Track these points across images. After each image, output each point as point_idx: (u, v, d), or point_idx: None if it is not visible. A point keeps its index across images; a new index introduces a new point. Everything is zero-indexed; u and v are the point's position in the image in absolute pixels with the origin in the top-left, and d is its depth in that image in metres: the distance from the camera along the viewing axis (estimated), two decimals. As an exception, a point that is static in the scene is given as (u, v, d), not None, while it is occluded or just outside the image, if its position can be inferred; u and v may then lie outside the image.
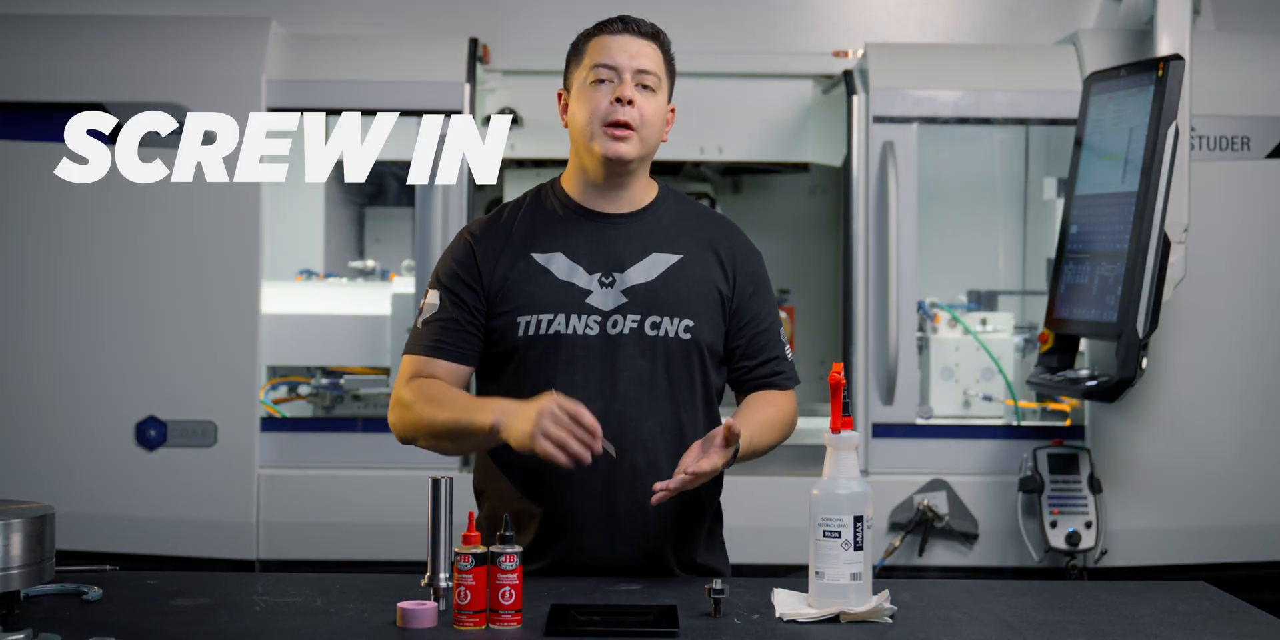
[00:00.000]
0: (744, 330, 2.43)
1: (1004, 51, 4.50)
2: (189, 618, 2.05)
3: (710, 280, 2.41)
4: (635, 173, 2.42)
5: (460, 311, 2.38)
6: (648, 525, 2.36)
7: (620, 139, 2.34)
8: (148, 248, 3.97)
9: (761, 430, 2.36)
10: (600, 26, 2.41)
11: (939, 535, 3.99)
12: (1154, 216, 3.54)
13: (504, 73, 4.39)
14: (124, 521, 3.93)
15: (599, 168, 2.39)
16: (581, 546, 2.36)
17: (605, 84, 2.35)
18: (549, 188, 2.48)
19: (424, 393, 2.33)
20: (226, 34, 4.08)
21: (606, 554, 2.35)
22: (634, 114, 2.34)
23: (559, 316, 2.35)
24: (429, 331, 2.39)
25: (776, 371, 2.46)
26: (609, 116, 2.34)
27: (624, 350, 2.35)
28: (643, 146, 2.37)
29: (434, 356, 2.38)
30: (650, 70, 2.37)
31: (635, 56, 2.36)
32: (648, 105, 2.36)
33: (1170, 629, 2.03)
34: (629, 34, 2.38)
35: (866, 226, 4.07)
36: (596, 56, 2.37)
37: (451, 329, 2.38)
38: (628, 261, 2.38)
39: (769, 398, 2.45)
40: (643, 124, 2.35)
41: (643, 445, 2.35)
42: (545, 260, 2.38)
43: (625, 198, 2.43)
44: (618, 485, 2.34)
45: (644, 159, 2.41)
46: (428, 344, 2.38)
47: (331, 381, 4.14)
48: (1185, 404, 4.01)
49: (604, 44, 2.38)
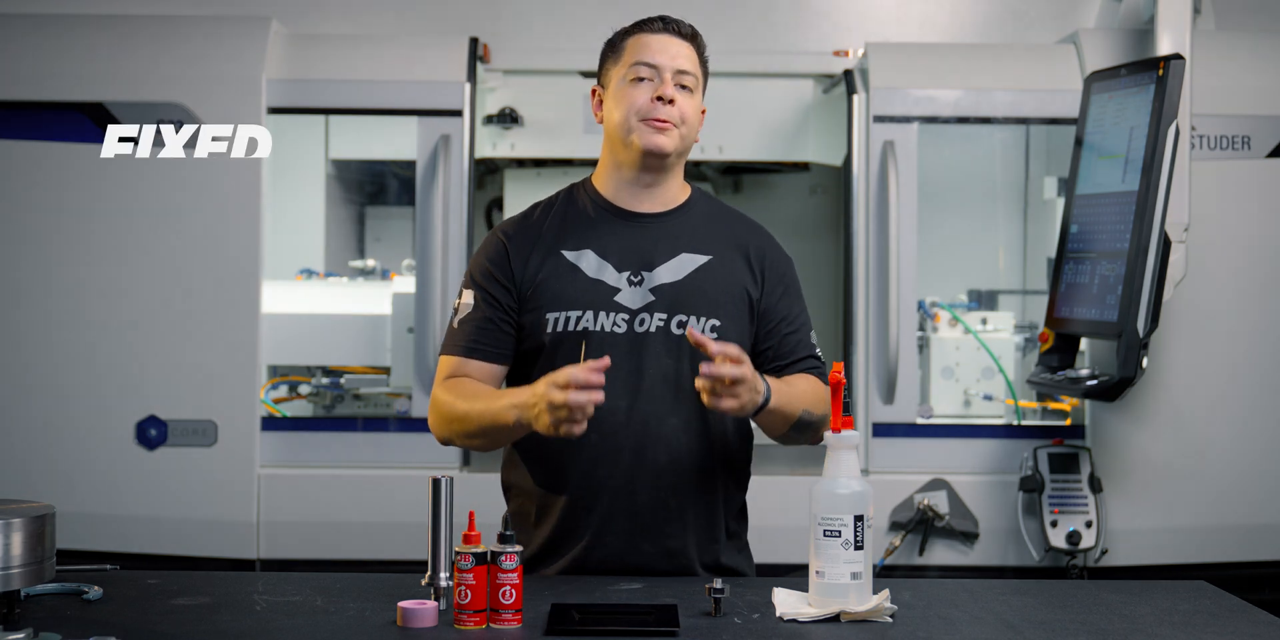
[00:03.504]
0: (774, 332, 2.43)
1: (1004, 51, 4.50)
2: (189, 617, 2.04)
3: (739, 282, 2.41)
4: (670, 169, 2.43)
5: (494, 310, 2.39)
6: (670, 523, 2.36)
7: (660, 130, 2.36)
8: (148, 247, 3.97)
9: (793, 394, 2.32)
10: (640, 25, 2.43)
11: (939, 534, 3.99)
12: (1154, 216, 3.54)
13: (504, 72, 4.40)
14: (124, 521, 3.93)
15: (636, 162, 2.39)
16: (603, 543, 2.36)
17: (646, 82, 2.37)
18: (581, 187, 2.48)
19: (454, 393, 2.34)
20: (227, 33, 4.08)
21: (628, 550, 2.35)
22: (674, 113, 2.36)
23: (587, 313, 2.36)
24: (464, 332, 2.40)
25: (811, 367, 2.45)
26: (650, 113, 2.36)
27: (650, 348, 2.35)
28: (681, 142, 2.39)
29: (469, 357, 2.39)
30: (689, 71, 2.39)
31: (675, 57, 2.38)
32: (687, 105, 2.38)
33: (1170, 628, 2.03)
34: (669, 34, 2.41)
35: (867, 226, 4.07)
36: (638, 54, 2.39)
37: (486, 328, 2.39)
38: (656, 260, 2.39)
39: (808, 377, 2.43)
40: (683, 122, 2.38)
41: (666, 443, 2.35)
42: (575, 257, 2.39)
43: (658, 196, 2.43)
44: (640, 482, 2.34)
45: (680, 155, 2.42)
46: (463, 344, 2.39)
47: (332, 381, 4.14)
48: (1185, 404, 4.01)
49: (644, 43, 2.40)
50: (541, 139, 4.40)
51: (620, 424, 2.34)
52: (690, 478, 2.37)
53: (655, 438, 2.35)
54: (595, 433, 2.30)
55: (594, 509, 2.35)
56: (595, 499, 2.35)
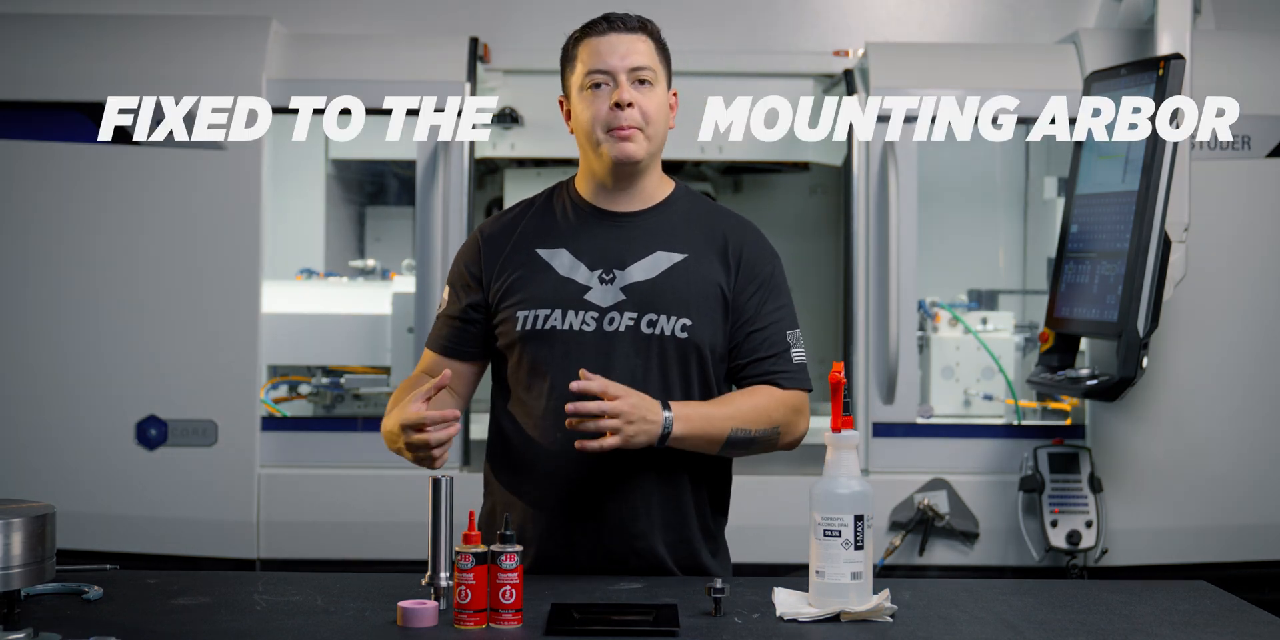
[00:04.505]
0: (740, 328, 2.41)
1: (1004, 51, 4.50)
2: (189, 617, 2.05)
3: (713, 279, 2.39)
4: (646, 170, 2.42)
5: (463, 310, 2.44)
6: (635, 522, 2.35)
7: (626, 138, 2.34)
8: (148, 247, 3.97)
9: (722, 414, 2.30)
10: (586, 29, 2.39)
11: (939, 534, 3.99)
12: (1154, 216, 3.54)
13: (504, 72, 4.39)
14: (124, 521, 3.93)
15: (609, 170, 2.39)
16: (569, 542, 2.36)
17: (603, 88, 2.35)
18: (564, 187, 2.48)
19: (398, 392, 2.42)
20: (227, 33, 4.07)
21: (594, 548, 2.35)
22: (635, 116, 2.34)
23: (555, 312, 2.36)
24: (438, 328, 2.48)
25: (770, 370, 2.39)
26: (612, 123, 2.33)
27: (619, 348, 2.35)
28: (650, 143, 2.37)
29: (443, 355, 2.47)
30: (644, 65, 2.35)
31: (626, 55, 2.34)
32: (648, 102, 2.35)
33: (1170, 628, 2.03)
34: (615, 32, 2.36)
35: (867, 226, 4.06)
36: (589, 62, 2.36)
37: (455, 328, 2.45)
38: (629, 259, 2.38)
39: (753, 389, 2.38)
40: (647, 122, 2.35)
41: None
42: (549, 256, 2.39)
43: (637, 195, 2.42)
44: (604, 481, 2.34)
45: (653, 154, 2.41)
46: (438, 342, 2.48)
47: (332, 381, 4.14)
48: (1185, 403, 4.01)
49: (593, 47, 2.36)
50: (541, 139, 4.40)
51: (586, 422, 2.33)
52: (656, 477, 2.35)
53: None
54: (561, 431, 2.30)
55: (559, 508, 2.35)
56: (558, 498, 2.35)
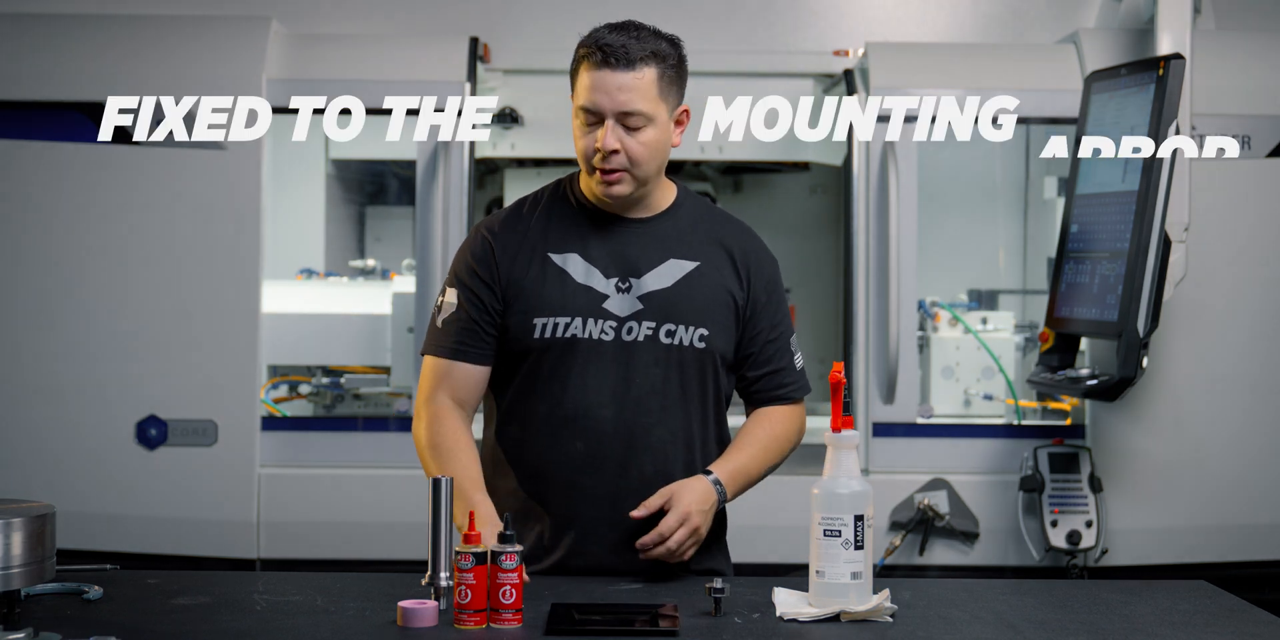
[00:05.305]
0: (756, 339, 2.41)
1: (1004, 51, 4.50)
2: (189, 617, 2.04)
3: (725, 287, 2.39)
4: (643, 194, 2.36)
5: (479, 312, 2.36)
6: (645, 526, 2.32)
7: (611, 182, 2.30)
8: (148, 247, 3.97)
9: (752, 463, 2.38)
10: (589, 51, 2.26)
11: (939, 534, 3.99)
12: (1154, 216, 3.54)
13: (504, 72, 4.40)
14: (124, 521, 3.93)
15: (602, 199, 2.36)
16: (585, 551, 2.35)
17: (592, 127, 2.28)
18: (566, 186, 2.43)
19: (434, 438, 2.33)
20: (226, 33, 4.07)
21: (611, 560, 2.34)
22: (621, 160, 2.27)
23: (575, 320, 2.33)
24: (448, 332, 2.37)
25: (783, 383, 2.43)
26: (597, 164, 2.28)
27: (639, 357, 2.33)
28: (636, 183, 2.31)
29: (455, 359, 2.36)
30: (634, 111, 2.25)
31: (617, 96, 2.24)
32: (637, 144, 2.27)
33: (1170, 628, 2.03)
34: (609, 69, 2.24)
35: (867, 226, 4.06)
36: (581, 94, 2.27)
37: (471, 330, 2.36)
38: (644, 267, 2.35)
39: (770, 417, 2.43)
40: (634, 164, 2.28)
41: (652, 453, 2.34)
42: (562, 261, 2.35)
43: (641, 205, 2.39)
44: (625, 492, 2.32)
45: (644, 183, 2.34)
46: (449, 346, 2.36)
47: (332, 381, 4.14)
48: (1185, 403, 4.01)
49: (588, 82, 2.26)
50: (541, 139, 4.39)
51: (607, 434, 2.32)
52: (664, 482, 2.32)
53: (642, 448, 2.33)
54: (581, 441, 2.30)
55: (577, 518, 2.34)
56: (579, 508, 2.34)
